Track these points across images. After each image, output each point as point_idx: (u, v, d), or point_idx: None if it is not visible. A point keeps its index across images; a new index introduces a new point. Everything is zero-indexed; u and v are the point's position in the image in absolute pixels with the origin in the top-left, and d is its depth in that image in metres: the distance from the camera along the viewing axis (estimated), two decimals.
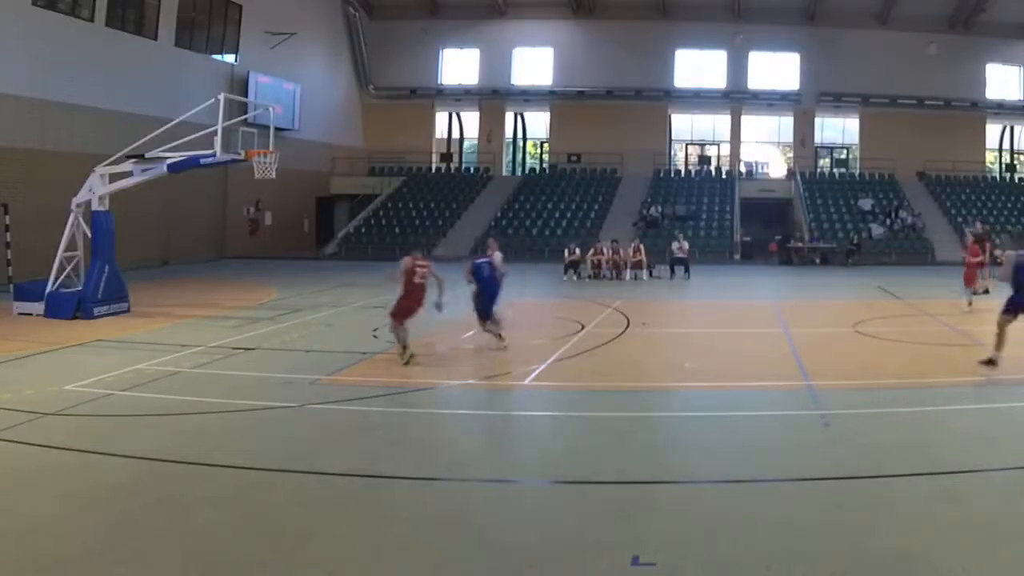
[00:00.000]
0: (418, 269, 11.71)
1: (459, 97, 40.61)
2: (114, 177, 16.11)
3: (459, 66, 40.28)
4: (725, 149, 40.29)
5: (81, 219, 16.20)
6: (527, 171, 41.10)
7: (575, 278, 24.00)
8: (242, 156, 16.46)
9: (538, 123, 41.35)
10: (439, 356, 12.30)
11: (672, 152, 40.71)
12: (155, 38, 26.88)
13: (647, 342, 13.63)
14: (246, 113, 22.69)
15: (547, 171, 39.81)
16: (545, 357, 11.68)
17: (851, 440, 7.76)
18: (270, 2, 32.30)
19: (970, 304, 17.15)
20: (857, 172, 38.66)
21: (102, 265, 15.75)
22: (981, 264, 18.63)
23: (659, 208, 34.22)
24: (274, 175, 16.82)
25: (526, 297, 20.88)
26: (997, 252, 25.13)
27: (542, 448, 8.02)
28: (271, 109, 18.77)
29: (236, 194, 30.74)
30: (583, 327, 14.53)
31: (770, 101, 38.73)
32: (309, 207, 36.92)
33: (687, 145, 41.14)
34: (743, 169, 39.17)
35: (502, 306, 13.24)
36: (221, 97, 15.85)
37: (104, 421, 8.52)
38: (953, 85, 36.76)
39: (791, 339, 13.52)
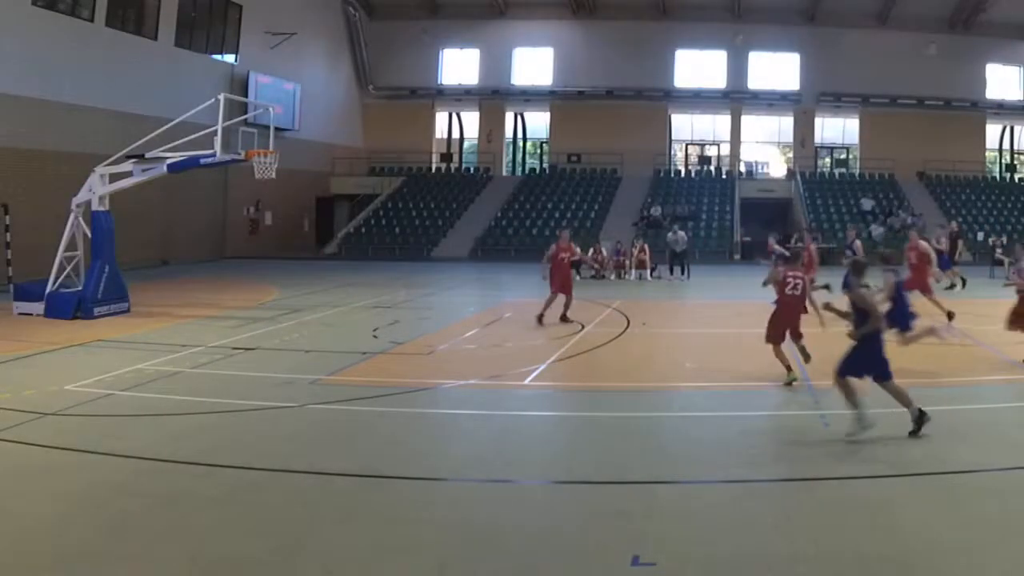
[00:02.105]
0: None
1: (459, 97, 40.61)
2: (114, 177, 16.10)
3: (459, 66, 40.27)
4: (725, 149, 40.29)
5: (81, 219, 16.20)
6: (527, 171, 41.10)
7: (577, 278, 23.98)
8: (242, 156, 16.46)
9: (538, 123, 41.35)
10: (440, 356, 12.29)
11: (672, 152, 40.71)
12: (155, 38, 26.87)
13: (647, 342, 13.63)
14: (246, 113, 22.69)
15: (547, 171, 39.81)
16: (545, 357, 11.68)
17: (851, 440, 7.75)
18: (270, 2, 32.28)
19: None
20: (857, 172, 38.67)
21: (102, 265, 15.75)
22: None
23: (659, 208, 34.23)
24: (274, 175, 16.83)
25: (526, 297, 20.88)
26: (997, 252, 25.17)
27: (542, 448, 8.02)
28: (271, 109, 18.76)
29: (236, 194, 30.75)
30: (583, 327, 14.52)
31: (770, 101, 38.72)
32: (309, 207, 36.93)
33: (687, 145, 41.15)
34: (743, 169, 39.17)
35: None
36: (221, 97, 15.85)
37: (104, 421, 8.52)
38: (953, 85, 36.75)
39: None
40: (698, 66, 39.05)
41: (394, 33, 38.80)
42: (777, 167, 40.58)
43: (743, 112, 39.41)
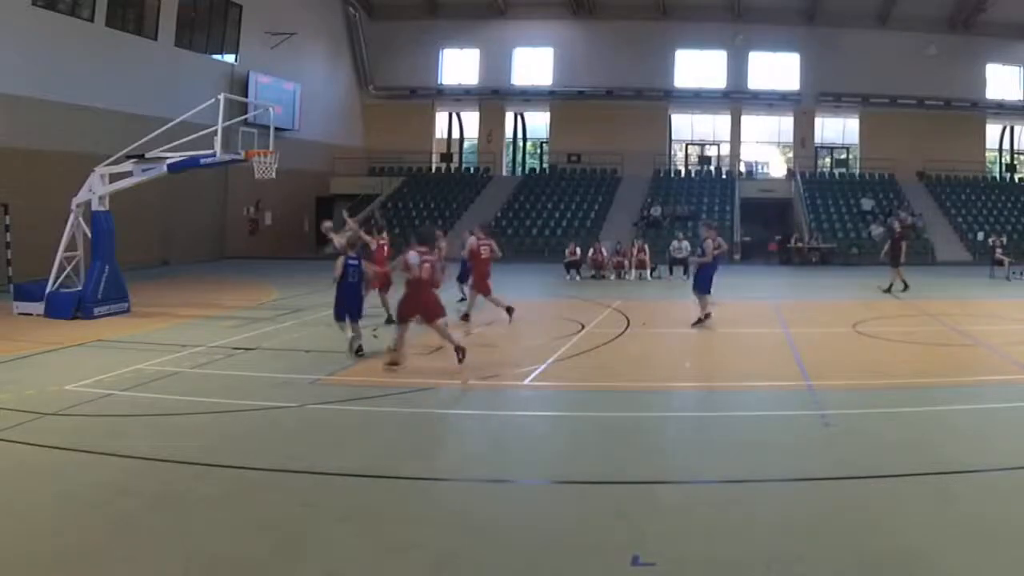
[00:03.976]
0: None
1: (459, 97, 40.62)
2: (114, 177, 16.10)
3: (459, 66, 40.27)
4: (725, 149, 40.29)
5: (81, 219, 16.20)
6: (527, 171, 41.10)
7: (577, 278, 24.04)
8: (242, 156, 16.46)
9: (538, 123, 41.34)
10: (440, 356, 12.28)
11: (672, 152, 40.70)
12: (155, 38, 26.87)
13: (647, 342, 13.62)
14: (246, 113, 22.68)
15: (547, 171, 39.81)
16: (545, 357, 11.67)
17: (851, 440, 7.76)
18: (270, 2, 32.29)
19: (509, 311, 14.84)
20: (857, 172, 38.66)
21: (102, 265, 15.75)
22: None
23: (659, 208, 34.23)
24: (274, 175, 16.82)
25: (526, 297, 20.89)
26: (997, 252, 25.19)
27: (542, 448, 8.02)
28: (271, 109, 18.76)
29: (236, 194, 30.75)
30: (583, 327, 14.52)
31: (770, 101, 38.71)
32: (309, 207, 36.91)
33: (687, 145, 41.14)
34: (743, 169, 39.17)
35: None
36: (221, 97, 15.85)
37: (104, 421, 8.52)
38: (953, 85, 36.74)
39: (791, 339, 13.51)
40: (698, 66, 39.03)
41: (394, 33, 38.81)
42: (777, 167, 40.57)
43: (743, 112, 39.39)
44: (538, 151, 42.26)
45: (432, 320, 11.12)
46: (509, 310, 14.88)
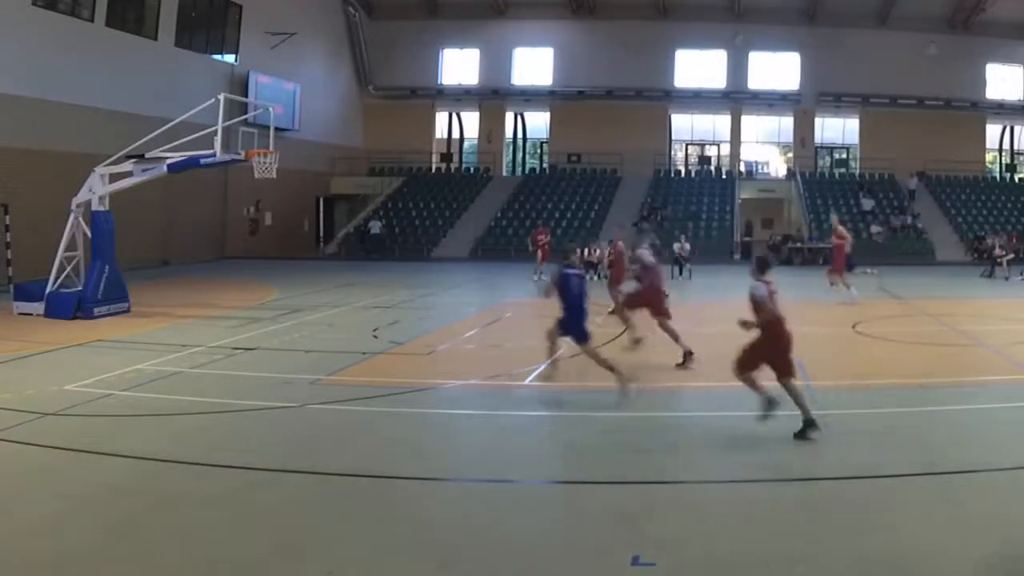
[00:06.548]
0: None
1: (459, 97, 40.62)
2: (114, 177, 16.11)
3: (459, 66, 40.27)
4: (725, 149, 40.28)
5: (81, 219, 16.20)
6: (527, 171, 41.10)
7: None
8: (242, 156, 16.46)
9: (538, 123, 41.34)
10: (440, 356, 12.29)
11: (672, 152, 40.70)
12: (155, 38, 26.86)
13: (647, 342, 13.60)
14: (246, 113, 22.68)
15: (547, 171, 39.82)
16: (545, 357, 11.65)
17: (851, 440, 7.76)
18: (270, 2, 32.28)
19: None
20: (857, 172, 38.66)
21: (102, 265, 15.75)
22: None
23: (669, 209, 34.22)
24: (274, 175, 16.82)
25: (526, 297, 20.88)
26: (996, 251, 25.18)
27: (542, 448, 8.02)
28: (271, 109, 18.76)
29: (236, 194, 30.74)
30: None
31: (770, 101, 38.70)
32: (309, 207, 36.90)
33: (687, 145, 41.14)
34: (743, 169, 39.16)
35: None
36: (221, 97, 15.85)
37: (104, 421, 8.52)
38: (953, 85, 36.72)
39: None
40: (698, 66, 39.02)
41: (394, 33, 38.81)
42: (777, 167, 40.57)
43: (743, 112, 39.39)
44: (538, 151, 42.25)
45: None
46: None
